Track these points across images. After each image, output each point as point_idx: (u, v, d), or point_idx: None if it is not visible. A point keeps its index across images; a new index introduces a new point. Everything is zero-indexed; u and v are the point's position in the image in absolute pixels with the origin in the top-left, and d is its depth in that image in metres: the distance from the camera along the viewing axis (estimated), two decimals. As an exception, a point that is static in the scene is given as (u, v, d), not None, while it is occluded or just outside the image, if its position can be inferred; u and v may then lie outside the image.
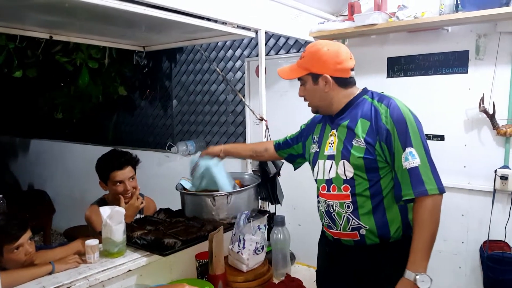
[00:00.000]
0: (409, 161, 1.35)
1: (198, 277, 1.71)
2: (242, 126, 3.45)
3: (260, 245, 1.77)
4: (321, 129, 1.63)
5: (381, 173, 1.43)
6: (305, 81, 1.52)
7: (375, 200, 1.44)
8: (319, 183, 1.57)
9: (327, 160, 1.53)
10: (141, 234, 1.66)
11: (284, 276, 1.76)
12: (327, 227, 1.57)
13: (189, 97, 3.79)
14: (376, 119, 1.41)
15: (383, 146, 1.40)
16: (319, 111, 1.58)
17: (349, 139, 1.46)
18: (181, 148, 3.60)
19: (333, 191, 1.50)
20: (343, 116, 1.51)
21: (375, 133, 1.40)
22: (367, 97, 1.50)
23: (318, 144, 1.61)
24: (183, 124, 3.89)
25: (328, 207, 1.52)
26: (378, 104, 1.44)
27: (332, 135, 1.53)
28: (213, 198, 1.92)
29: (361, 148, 1.42)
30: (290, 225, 1.86)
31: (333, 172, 1.49)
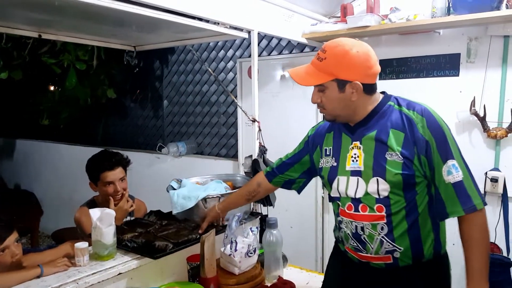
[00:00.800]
0: (453, 175, 1.23)
1: (190, 280, 1.68)
2: (234, 128, 3.43)
3: (252, 247, 1.75)
4: (335, 139, 1.43)
5: (418, 188, 1.29)
6: (327, 87, 1.31)
7: (410, 218, 1.29)
8: (343, 201, 1.38)
9: (350, 176, 1.34)
10: (131, 237, 1.64)
11: (277, 278, 1.74)
12: (353, 250, 1.39)
13: (180, 98, 3.76)
14: (412, 130, 1.26)
15: (423, 160, 1.25)
16: (337, 119, 1.38)
17: (380, 153, 1.28)
18: (172, 149, 3.57)
19: (363, 211, 1.32)
20: (368, 125, 1.33)
21: (413, 145, 1.25)
22: (393, 104, 1.33)
23: (335, 158, 1.41)
24: (174, 125, 3.86)
25: (357, 229, 1.34)
26: (410, 113, 1.29)
27: (355, 148, 1.35)
28: (205, 201, 1.90)
29: (398, 163, 1.25)
30: (282, 227, 1.84)
31: (361, 191, 1.32)
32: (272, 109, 3.07)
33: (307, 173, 1.62)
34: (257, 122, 2.28)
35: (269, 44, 3.16)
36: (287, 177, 1.66)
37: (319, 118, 2.88)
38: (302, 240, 3.03)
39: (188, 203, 1.90)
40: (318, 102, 1.35)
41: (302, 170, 1.62)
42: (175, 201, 1.93)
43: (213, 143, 3.61)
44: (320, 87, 1.32)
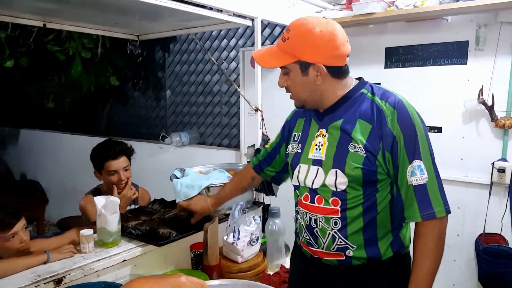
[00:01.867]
0: (416, 176, 1.14)
1: (193, 267, 1.70)
2: (236, 117, 3.42)
3: (255, 236, 1.76)
4: (304, 125, 1.36)
5: (379, 186, 1.20)
6: (290, 70, 1.22)
7: (367, 216, 1.21)
8: (301, 191, 1.31)
9: (311, 165, 1.26)
10: (136, 225, 1.65)
11: (279, 267, 1.75)
12: (306, 243, 1.32)
13: (183, 88, 3.75)
14: (380, 122, 1.16)
15: (387, 156, 1.16)
16: (305, 106, 1.30)
17: (344, 144, 1.20)
18: (174, 139, 3.57)
19: (318, 203, 1.25)
20: (336, 113, 1.25)
21: (378, 139, 1.16)
22: (366, 91, 1.24)
23: (301, 145, 1.33)
24: (177, 115, 3.85)
25: (310, 221, 1.27)
26: (381, 103, 1.19)
27: (320, 136, 1.27)
28: (208, 189, 1.90)
29: (360, 156, 1.17)
30: (285, 217, 1.84)
31: (319, 181, 1.24)
32: (275, 98, 3.05)
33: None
34: (260, 111, 2.28)
35: (272, 32, 3.13)
36: (272, 171, 1.58)
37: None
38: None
39: (191, 192, 1.90)
40: (284, 86, 1.27)
41: (283, 163, 1.52)
42: (178, 189, 1.93)
43: (216, 133, 3.61)
44: (284, 70, 1.24)
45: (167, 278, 0.74)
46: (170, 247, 1.63)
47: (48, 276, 1.28)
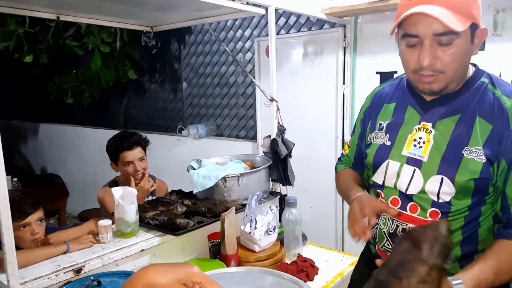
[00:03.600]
0: None
1: (211, 256, 1.71)
2: (252, 109, 3.42)
3: (272, 225, 1.76)
4: (396, 112, 1.12)
5: (487, 198, 1.01)
6: (460, 36, 0.93)
7: (467, 229, 1.02)
8: (387, 193, 1.11)
9: (405, 164, 1.06)
10: (153, 215, 1.67)
11: (296, 256, 1.75)
12: (386, 253, 1.14)
13: (199, 80, 3.76)
14: (502, 123, 0.95)
15: (502, 166, 0.96)
16: (444, 90, 1.00)
17: (457, 147, 0.99)
18: (192, 131, 3.60)
19: (411, 212, 1.05)
20: (452, 105, 1.01)
21: (497, 144, 0.95)
22: (487, 81, 1.02)
23: (389, 135, 1.10)
24: (193, 107, 3.87)
25: (397, 230, 1.08)
26: (505, 99, 0.97)
27: (422, 130, 1.04)
28: (224, 180, 1.92)
29: (477, 163, 0.96)
30: (302, 208, 1.84)
31: (416, 186, 1.04)
32: (291, 88, 3.03)
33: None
34: (275, 101, 2.26)
35: (287, 22, 3.10)
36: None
37: (339, 97, 2.83)
38: (321, 220, 3.02)
39: (208, 182, 1.92)
40: (433, 62, 0.95)
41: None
42: (195, 180, 1.95)
43: (232, 125, 3.61)
44: (448, 38, 0.92)
45: (179, 267, 0.74)
46: (188, 236, 1.65)
47: (68, 266, 1.31)
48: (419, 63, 0.96)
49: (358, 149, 1.28)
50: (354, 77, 2.78)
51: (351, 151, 1.32)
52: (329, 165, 3.00)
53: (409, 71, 1.01)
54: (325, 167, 2.97)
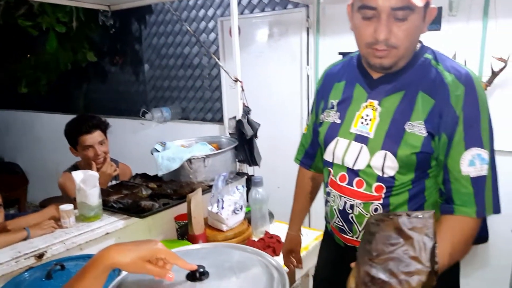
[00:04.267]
0: (475, 167, 0.96)
1: (178, 238, 1.71)
2: (218, 91, 3.39)
3: (239, 205, 1.78)
4: (345, 91, 1.13)
5: (430, 171, 1.03)
6: (415, 12, 0.93)
7: (413, 203, 1.05)
8: (336, 169, 1.12)
9: (353, 141, 1.07)
10: (117, 198, 1.64)
11: (263, 233, 1.78)
12: (338, 230, 1.16)
13: (162, 61, 3.68)
14: (443, 98, 0.97)
15: (443, 140, 0.98)
16: (394, 67, 1.01)
17: (400, 122, 1.00)
18: (156, 115, 3.53)
19: (358, 187, 1.08)
20: (397, 82, 1.03)
21: (438, 118, 0.97)
22: (430, 58, 1.03)
23: (340, 114, 1.12)
24: (157, 90, 3.79)
25: (345, 206, 1.10)
26: (447, 75, 0.98)
27: (369, 108, 1.06)
28: (190, 162, 1.91)
29: (418, 137, 0.98)
30: (270, 188, 1.87)
31: (362, 162, 1.06)
32: (256, 69, 3.03)
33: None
34: (239, 82, 2.25)
35: (251, 1, 3.07)
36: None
37: (304, 78, 2.85)
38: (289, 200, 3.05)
39: (173, 164, 1.90)
40: (388, 37, 0.94)
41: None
42: (160, 162, 1.92)
43: (198, 108, 3.57)
44: (404, 13, 0.93)
45: (142, 244, 0.74)
46: (154, 219, 1.64)
47: (29, 252, 1.28)
48: (374, 36, 0.95)
49: (314, 128, 1.28)
50: (318, 58, 2.81)
51: (309, 130, 1.34)
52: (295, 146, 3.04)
53: (363, 45, 1.01)
54: (291, 147, 2.98)
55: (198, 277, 0.77)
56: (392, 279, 0.77)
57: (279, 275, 0.83)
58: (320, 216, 1.31)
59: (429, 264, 0.78)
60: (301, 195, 1.45)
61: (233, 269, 0.83)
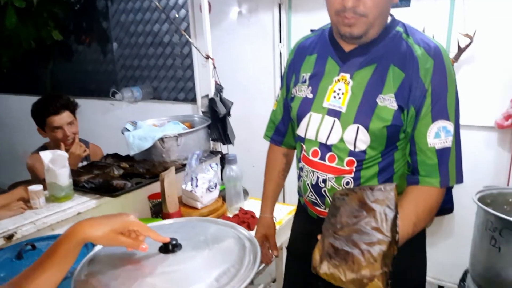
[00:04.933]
0: (440, 139, 0.99)
1: (153, 216, 1.71)
2: (190, 70, 3.34)
3: (213, 183, 1.78)
4: (317, 64, 1.12)
5: (399, 144, 1.06)
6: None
7: (382, 176, 1.08)
8: (308, 145, 1.12)
9: (326, 116, 1.07)
10: (88, 178, 1.62)
11: (238, 210, 1.80)
12: (311, 203, 1.18)
13: (131, 39, 3.57)
14: (413, 71, 0.98)
15: (411, 112, 1.00)
16: (364, 36, 1.01)
17: (372, 95, 1.01)
18: (126, 94, 3.45)
19: (330, 162, 1.08)
20: (368, 55, 1.03)
21: (408, 91, 0.98)
22: (401, 30, 1.04)
23: (312, 88, 1.10)
24: (127, 69, 3.69)
25: (318, 181, 1.11)
26: (417, 48, 1.00)
27: (341, 81, 1.05)
28: (162, 141, 1.90)
29: (389, 110, 0.99)
30: (244, 167, 1.88)
31: (335, 137, 1.06)
32: (228, 47, 2.99)
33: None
34: (211, 59, 2.23)
35: (222, -23, 3.00)
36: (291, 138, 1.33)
37: (277, 56, 2.84)
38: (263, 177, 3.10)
39: (145, 143, 1.88)
40: (356, 4, 0.95)
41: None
42: (131, 142, 1.90)
43: (170, 87, 3.51)
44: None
45: (115, 217, 0.74)
46: (127, 198, 1.63)
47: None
48: (342, 3, 0.96)
49: (285, 104, 1.26)
50: (290, 35, 2.80)
51: (279, 106, 1.31)
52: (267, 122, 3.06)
53: (332, 13, 1.01)
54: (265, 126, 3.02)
55: (171, 249, 0.78)
56: (354, 250, 0.80)
57: (251, 245, 0.85)
58: (294, 191, 1.33)
59: (390, 234, 0.82)
60: (274, 173, 1.41)
61: (206, 241, 0.85)
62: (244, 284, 0.73)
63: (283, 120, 1.31)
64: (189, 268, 0.74)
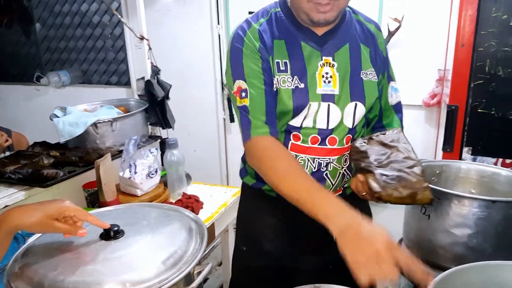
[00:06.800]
0: (392, 98, 1.19)
1: (88, 206, 1.62)
2: (123, 52, 3.17)
3: (153, 168, 1.72)
4: (291, 51, 1.05)
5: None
6: None
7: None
8: (306, 133, 1.08)
9: (322, 102, 1.05)
10: (15, 169, 1.49)
11: (181, 195, 1.77)
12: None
13: (56, 20, 3.31)
14: (375, 45, 1.11)
15: (380, 79, 1.13)
16: (336, 20, 1.04)
17: (356, 73, 1.07)
18: (52, 79, 3.22)
19: (331, 145, 1.09)
20: (339, 36, 1.07)
21: (376, 63, 1.11)
22: (350, 10, 1.13)
23: (298, 77, 1.05)
24: (52, 51, 3.43)
25: (320, 166, 1.09)
26: (369, 25, 1.12)
27: (326, 65, 1.05)
28: (96, 126, 1.80)
29: (373, 82, 1.09)
30: (186, 151, 1.83)
31: (335, 120, 1.07)
32: (164, 28, 2.88)
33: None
34: (146, 40, 2.13)
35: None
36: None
37: (215, 38, 2.79)
38: (206, 162, 3.07)
39: (76, 130, 1.77)
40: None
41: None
42: (61, 128, 1.77)
43: (101, 70, 3.32)
44: None
45: (49, 204, 0.69)
46: (59, 188, 1.52)
47: None
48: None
49: (267, 98, 1.06)
50: (228, 17, 2.76)
51: (260, 99, 1.06)
52: (210, 108, 3.04)
53: (304, 0, 0.98)
54: (206, 110, 2.98)
55: (112, 235, 0.74)
56: (401, 173, 0.99)
57: (198, 227, 0.84)
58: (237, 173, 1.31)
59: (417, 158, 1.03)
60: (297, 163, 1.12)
61: (150, 226, 0.82)
62: (192, 265, 0.71)
63: (271, 112, 1.08)
64: (133, 253, 0.71)
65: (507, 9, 1.75)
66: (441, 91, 2.23)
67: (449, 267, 0.90)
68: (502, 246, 1.13)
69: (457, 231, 1.15)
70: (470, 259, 0.98)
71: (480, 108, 1.86)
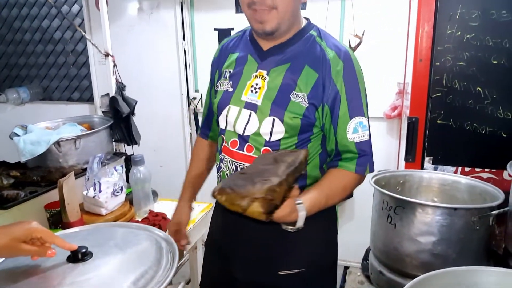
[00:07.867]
0: (358, 134, 1.09)
1: (51, 227, 1.55)
2: (86, 68, 3.10)
3: (119, 186, 1.68)
4: (238, 61, 1.18)
5: (312, 137, 1.13)
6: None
7: None
8: (228, 136, 1.17)
9: (243, 109, 1.13)
10: (-30, 191, 1.41)
11: (147, 213, 1.73)
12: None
13: (15, 36, 3.20)
14: (325, 73, 1.07)
15: (326, 110, 1.09)
16: (277, 32, 1.07)
17: (286, 91, 1.08)
18: (11, 96, 3.09)
19: (248, 152, 1.14)
20: (284, 55, 1.11)
21: (322, 91, 1.07)
22: (315, 34, 1.12)
23: (232, 82, 1.17)
24: (10, 68, 3.30)
25: (236, 170, 1.16)
26: (329, 51, 1.09)
27: (258, 77, 1.12)
28: (58, 144, 1.74)
29: (301, 107, 1.07)
30: (152, 167, 1.80)
31: (252, 128, 1.12)
32: (128, 44, 2.84)
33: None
34: (111, 56, 2.10)
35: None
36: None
37: (181, 54, 2.79)
38: (173, 177, 2.98)
39: (38, 148, 1.71)
40: (272, 4, 1.02)
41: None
42: (22, 148, 1.70)
43: (63, 86, 3.23)
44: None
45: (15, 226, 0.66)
46: (20, 209, 1.45)
47: None
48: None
49: (210, 102, 1.32)
50: (194, 34, 2.77)
51: (206, 102, 1.37)
52: (176, 123, 3.01)
53: (245, 7, 1.06)
54: (173, 125, 2.94)
55: (80, 257, 0.71)
56: (248, 182, 0.88)
57: (168, 245, 0.82)
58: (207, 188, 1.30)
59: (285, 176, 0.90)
60: (196, 161, 1.43)
61: (119, 246, 0.79)
62: (164, 285, 0.69)
63: (209, 115, 1.36)
64: (102, 275, 0.68)
65: (461, 26, 1.85)
66: (402, 104, 2.32)
67: (417, 274, 0.93)
68: (465, 252, 1.18)
69: (422, 239, 1.19)
70: (435, 266, 1.02)
71: (439, 119, 1.94)
